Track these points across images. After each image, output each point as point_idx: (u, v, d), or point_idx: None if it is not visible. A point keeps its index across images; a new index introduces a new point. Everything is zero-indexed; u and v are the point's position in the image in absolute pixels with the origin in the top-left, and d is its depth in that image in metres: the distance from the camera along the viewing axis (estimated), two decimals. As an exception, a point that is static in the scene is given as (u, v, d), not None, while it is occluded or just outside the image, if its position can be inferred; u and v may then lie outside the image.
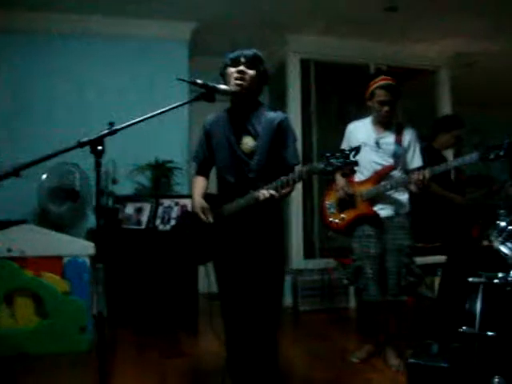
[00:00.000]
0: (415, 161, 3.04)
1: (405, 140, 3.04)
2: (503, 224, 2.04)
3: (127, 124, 1.74)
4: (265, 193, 2.06)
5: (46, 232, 3.51)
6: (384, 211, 3.01)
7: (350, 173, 2.57)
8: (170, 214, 4.04)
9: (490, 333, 1.78)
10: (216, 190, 2.40)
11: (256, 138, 2.23)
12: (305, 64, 5.04)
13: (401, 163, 3.03)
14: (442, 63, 5.43)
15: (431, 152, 3.46)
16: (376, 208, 3.02)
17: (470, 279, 1.92)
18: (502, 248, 2.01)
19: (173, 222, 3.95)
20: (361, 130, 3.12)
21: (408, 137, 3.05)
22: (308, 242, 4.96)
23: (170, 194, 4.33)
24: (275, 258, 2.29)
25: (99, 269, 3.59)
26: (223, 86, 2.11)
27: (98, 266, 2.43)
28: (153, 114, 1.83)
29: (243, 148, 2.25)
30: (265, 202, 2.06)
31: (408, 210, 3.04)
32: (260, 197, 2.06)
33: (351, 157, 1.91)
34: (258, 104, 2.33)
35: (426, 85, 5.54)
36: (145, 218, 4.08)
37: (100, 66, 4.47)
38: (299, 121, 4.92)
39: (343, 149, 1.96)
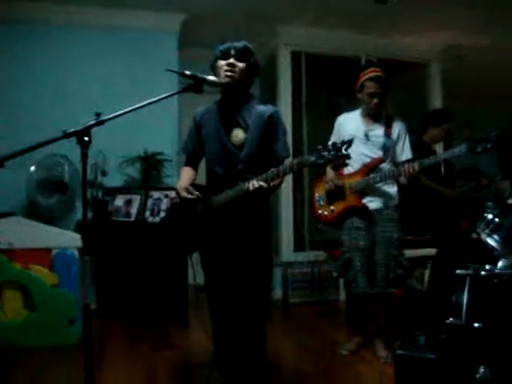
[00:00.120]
0: (404, 153, 3.04)
1: (394, 132, 3.04)
2: (490, 216, 2.05)
3: (114, 115, 1.72)
4: (254, 183, 2.06)
5: (34, 224, 3.49)
6: (373, 203, 3.02)
7: (341, 166, 2.58)
8: (159, 207, 4.03)
9: (476, 324, 1.80)
10: (205, 182, 2.39)
11: (246, 130, 2.24)
12: (295, 56, 5.02)
13: (390, 156, 3.03)
14: (433, 56, 5.43)
15: (421, 146, 3.46)
16: (365, 200, 3.02)
17: (458, 271, 1.93)
18: (489, 240, 2.02)
19: (162, 214, 3.94)
20: (350, 122, 3.12)
21: (397, 129, 3.05)
22: (298, 234, 4.97)
23: (159, 186, 4.32)
24: (262, 250, 2.30)
25: (88, 261, 3.58)
26: (212, 78, 2.10)
27: (86, 258, 2.41)
28: (141, 104, 1.82)
29: (233, 140, 2.25)
30: (254, 193, 2.06)
31: (397, 203, 3.05)
32: (250, 187, 2.06)
33: (343, 150, 1.91)
34: (249, 97, 2.32)
35: (417, 78, 5.54)
36: (134, 210, 4.07)
37: (88, 56, 4.41)
38: (289, 113, 4.91)
39: (335, 142, 1.95)
